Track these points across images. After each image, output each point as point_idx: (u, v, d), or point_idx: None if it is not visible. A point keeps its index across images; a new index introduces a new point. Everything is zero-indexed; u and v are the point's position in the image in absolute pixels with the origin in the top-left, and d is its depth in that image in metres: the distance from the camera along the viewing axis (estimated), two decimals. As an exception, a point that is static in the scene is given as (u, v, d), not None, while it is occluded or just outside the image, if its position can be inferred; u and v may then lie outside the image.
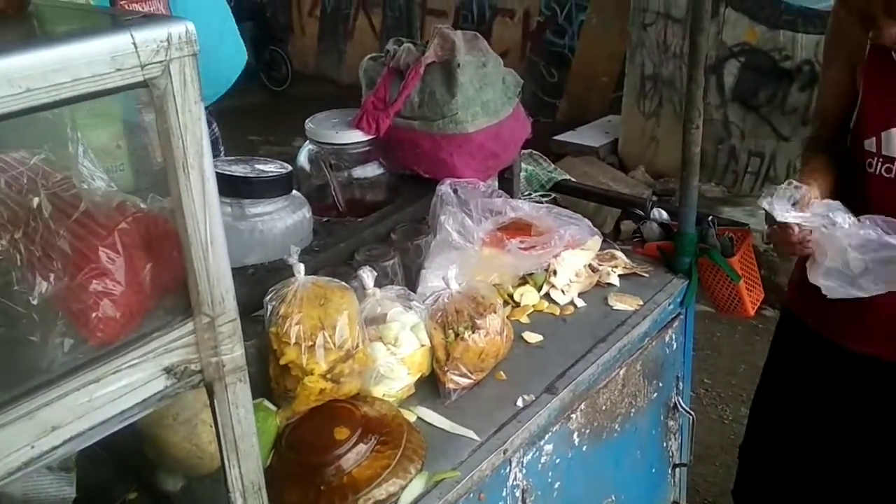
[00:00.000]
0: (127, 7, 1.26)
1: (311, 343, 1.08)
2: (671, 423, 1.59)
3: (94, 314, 0.64)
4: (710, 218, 1.51)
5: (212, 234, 0.68)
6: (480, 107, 1.49)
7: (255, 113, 7.56)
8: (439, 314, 1.26)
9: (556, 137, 5.65)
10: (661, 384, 1.52)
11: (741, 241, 1.52)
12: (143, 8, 1.27)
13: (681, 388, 1.59)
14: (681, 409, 1.58)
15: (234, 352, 0.74)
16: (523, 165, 2.05)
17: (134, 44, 0.59)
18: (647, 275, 1.54)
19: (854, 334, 1.42)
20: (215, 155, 2.28)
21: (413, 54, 1.48)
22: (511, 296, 1.48)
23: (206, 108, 2.06)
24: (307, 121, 1.49)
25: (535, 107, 7.37)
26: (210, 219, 0.68)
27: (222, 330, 0.72)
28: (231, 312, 0.72)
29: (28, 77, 0.54)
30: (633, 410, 1.45)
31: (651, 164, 4.91)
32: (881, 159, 1.36)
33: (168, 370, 0.69)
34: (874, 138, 1.37)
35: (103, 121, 1.20)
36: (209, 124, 2.24)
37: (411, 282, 1.41)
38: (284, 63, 8.42)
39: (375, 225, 1.45)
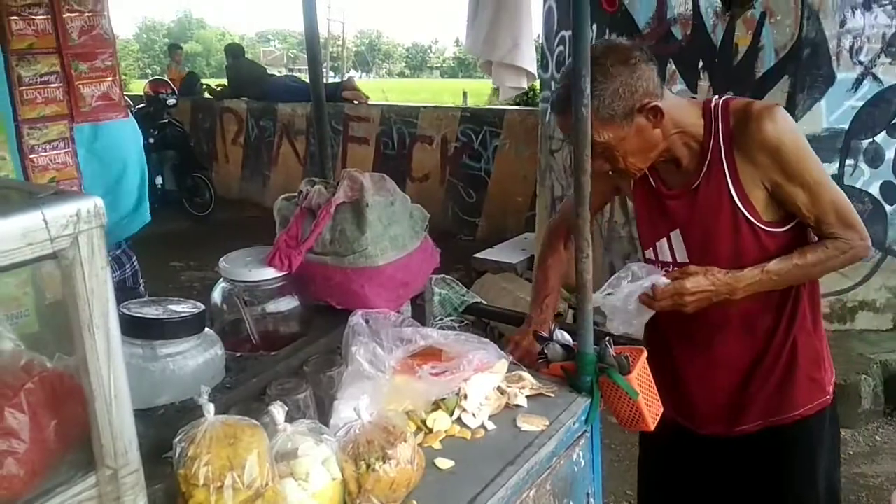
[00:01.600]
0: (34, 163, 1.32)
1: (219, 484, 1.09)
2: (585, 541, 1.62)
3: (-4, 474, 0.66)
4: (606, 338, 1.62)
5: (116, 389, 0.72)
6: (389, 241, 1.59)
7: (178, 239, 7.56)
8: (350, 446, 1.29)
9: (476, 255, 5.84)
10: (572, 502, 1.56)
11: (636, 358, 1.62)
12: (49, 162, 1.33)
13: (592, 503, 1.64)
14: (593, 527, 1.62)
15: (136, 503, 0.76)
16: (437, 290, 2.14)
17: (45, 220, 0.65)
18: (552, 395, 1.61)
19: (695, 419, 1.72)
20: (134, 288, 2.32)
21: (324, 195, 1.58)
22: (424, 422, 1.53)
23: (126, 241, 2.08)
24: (221, 260, 1.55)
25: (457, 225, 7.66)
26: (114, 375, 0.72)
27: (125, 481, 0.75)
28: (134, 463, 0.75)
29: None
30: (545, 531, 1.48)
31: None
32: (659, 265, 1.80)
33: (69, 525, 0.70)
34: (651, 248, 1.83)
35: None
36: (129, 258, 2.28)
37: (324, 413, 1.44)
38: (208, 189, 8.52)
39: (288, 358, 1.49)
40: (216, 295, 1.55)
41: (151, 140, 8.22)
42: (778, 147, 1.62)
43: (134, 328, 1.31)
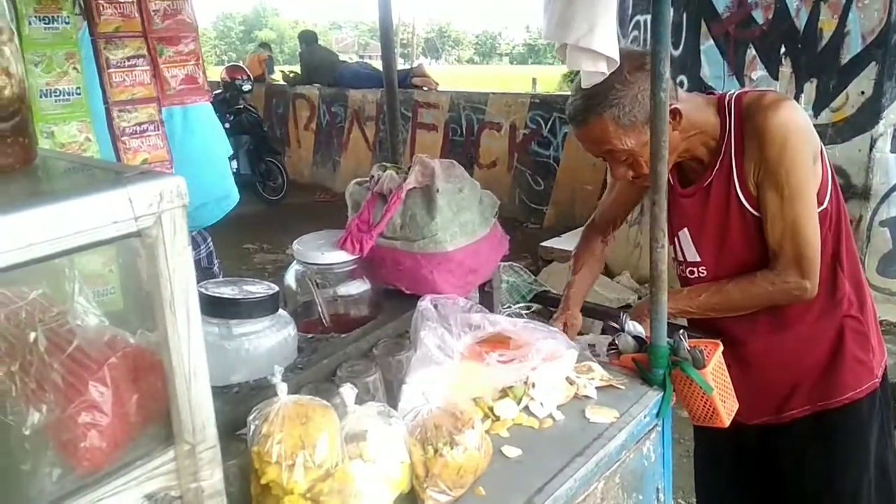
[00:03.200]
0: (125, 145, 1.35)
1: (291, 462, 1.11)
2: (654, 536, 1.59)
3: (81, 444, 0.68)
4: (681, 331, 1.57)
5: (195, 366, 0.73)
6: (459, 227, 1.58)
7: (251, 222, 7.74)
8: (418, 430, 1.29)
9: (543, 244, 5.78)
10: (641, 497, 1.53)
11: (712, 352, 1.57)
12: (141, 144, 1.37)
13: (662, 499, 1.60)
14: (663, 522, 1.59)
15: (213, 477, 0.78)
16: (504, 277, 2.13)
17: (129, 199, 0.66)
18: (622, 387, 1.58)
19: (742, 410, 1.64)
20: (208, 268, 2.38)
21: (395, 180, 1.58)
22: (491, 409, 1.52)
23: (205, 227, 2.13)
24: (294, 243, 1.57)
25: (524, 213, 7.60)
26: (193, 352, 0.73)
27: (202, 456, 0.76)
28: (211, 439, 0.77)
29: (30, 231, 0.61)
30: (613, 525, 1.45)
31: (636, 269, 5.01)
32: (684, 264, 1.81)
33: (149, 497, 0.73)
34: (672, 245, 1.80)
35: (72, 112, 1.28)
36: (204, 240, 2.34)
37: (393, 397, 1.44)
38: (280, 174, 8.68)
39: (358, 341, 1.50)
40: (289, 277, 1.57)
41: (227, 125, 8.42)
42: (768, 138, 1.57)
43: (211, 307, 1.34)
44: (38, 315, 0.76)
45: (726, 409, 1.57)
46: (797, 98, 4.09)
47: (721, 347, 1.58)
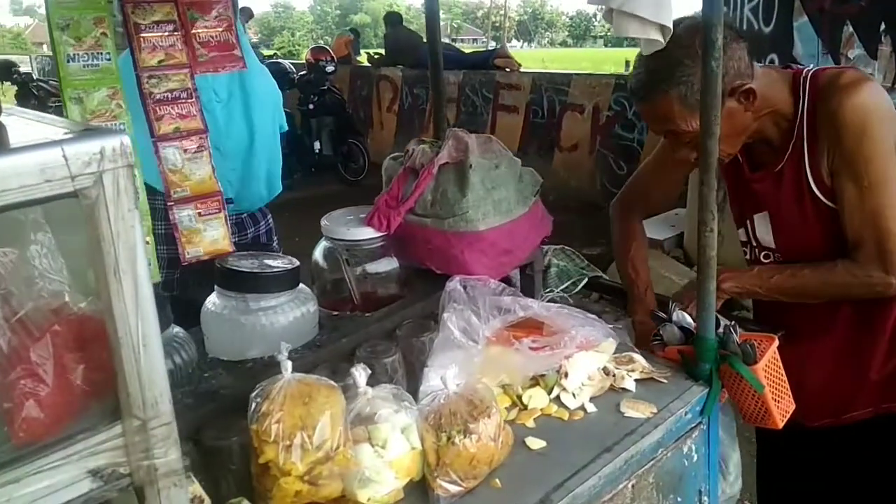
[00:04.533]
0: (156, 113, 1.34)
1: (289, 442, 1.08)
2: (695, 541, 1.48)
3: (19, 414, 0.65)
4: (731, 323, 1.45)
5: (145, 337, 0.69)
6: (492, 206, 1.50)
7: (331, 201, 7.81)
8: (433, 416, 1.23)
9: (621, 230, 5.58)
10: (679, 499, 1.42)
11: (766, 347, 1.44)
12: (172, 112, 1.35)
13: (705, 502, 1.49)
14: (706, 527, 1.48)
15: (168, 455, 0.74)
16: (555, 261, 2.03)
17: (64, 157, 0.62)
18: (665, 380, 1.47)
19: (802, 410, 1.52)
20: (267, 244, 2.38)
21: (427, 155, 1.52)
22: (520, 398, 1.44)
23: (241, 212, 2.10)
24: (323, 218, 1.53)
25: (605, 197, 7.37)
26: (143, 323, 0.69)
27: (155, 433, 0.72)
28: (166, 416, 0.73)
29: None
30: (645, 527, 1.36)
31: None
32: (758, 248, 1.68)
33: (94, 473, 0.69)
34: (742, 229, 1.70)
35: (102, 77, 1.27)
36: (264, 216, 2.34)
37: (415, 379, 1.39)
38: (362, 155, 8.75)
39: (381, 320, 1.45)
40: (317, 253, 1.54)
41: (311, 106, 8.56)
42: (844, 124, 1.41)
43: (228, 281, 1.32)
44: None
45: (780, 409, 1.43)
46: (896, 80, 3.77)
47: (776, 342, 1.44)
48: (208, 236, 1.40)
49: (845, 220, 1.48)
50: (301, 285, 1.40)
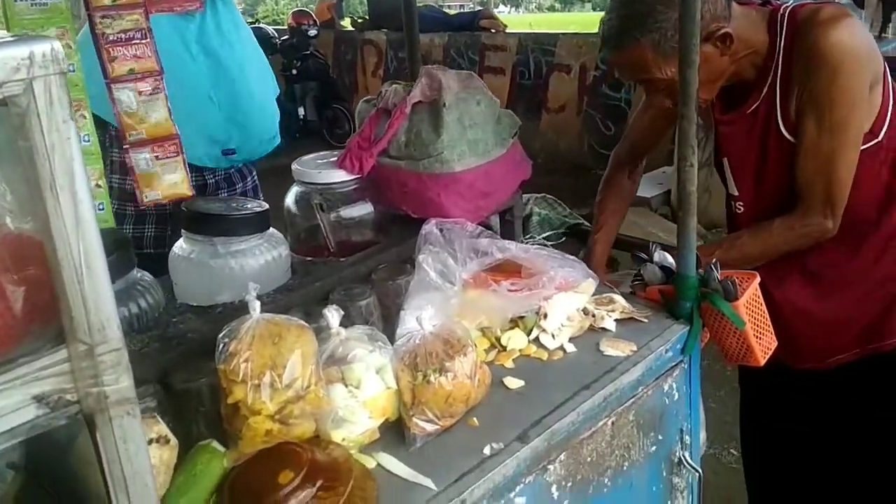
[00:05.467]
0: (110, 54, 1.29)
1: (257, 382, 1.05)
2: (676, 480, 1.47)
3: (-46, 336, 0.62)
4: (713, 260, 1.42)
5: (87, 258, 0.66)
6: (468, 146, 1.46)
7: (316, 168, 7.78)
8: (408, 356, 1.21)
9: (608, 188, 5.55)
10: (660, 437, 1.41)
11: (747, 283, 1.42)
12: (126, 53, 1.31)
13: (687, 441, 1.48)
14: (687, 466, 1.47)
15: (119, 383, 0.71)
16: (537, 209, 2.00)
17: (-11, 61, 0.58)
18: (645, 320, 1.45)
19: (788, 352, 1.55)
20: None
21: (400, 94, 1.48)
22: (499, 339, 1.42)
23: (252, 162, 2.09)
24: (293, 163, 1.49)
25: (592, 158, 7.34)
26: (85, 243, 0.66)
27: (104, 359, 0.69)
28: (114, 341, 0.70)
29: None
30: (625, 464, 1.34)
31: (703, 214, 4.74)
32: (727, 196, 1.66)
33: (39, 399, 0.67)
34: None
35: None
36: (249, 172, 2.30)
37: (391, 323, 1.36)
38: (347, 120, 8.64)
39: (356, 264, 1.42)
40: (289, 199, 1.50)
41: (294, 71, 8.44)
42: (819, 61, 1.37)
43: (195, 223, 1.28)
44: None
45: (761, 346, 1.42)
46: (884, 29, 3.72)
47: (758, 279, 1.42)
48: (166, 180, 1.36)
49: (800, 159, 1.45)
50: (272, 229, 1.36)
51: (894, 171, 1.49)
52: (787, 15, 1.45)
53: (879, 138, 1.44)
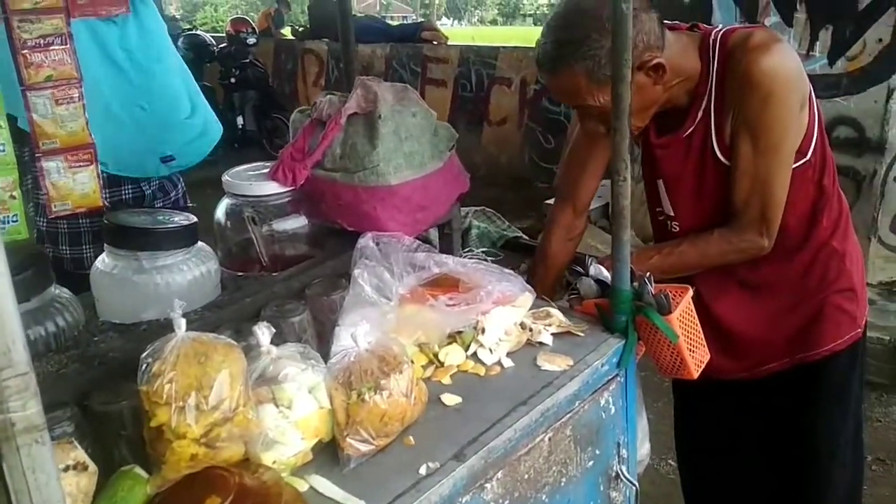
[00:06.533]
0: (27, 59, 1.23)
1: (182, 404, 1.00)
2: (614, 494, 1.47)
3: None
4: (647, 274, 1.44)
5: (-13, 276, 0.61)
6: (404, 159, 1.45)
7: (256, 178, 7.64)
8: (343, 374, 1.18)
9: (547, 201, 5.62)
10: (598, 451, 1.41)
11: (680, 297, 1.43)
12: (45, 59, 1.25)
13: (624, 455, 1.48)
14: (624, 480, 1.47)
15: (26, 409, 0.66)
16: (475, 223, 2.00)
17: None
18: (582, 334, 1.45)
19: (716, 365, 1.54)
20: (186, 207, 2.28)
21: (335, 105, 1.45)
22: (437, 355, 1.40)
23: (182, 170, 2.04)
24: (224, 174, 1.45)
25: (533, 171, 7.42)
26: (-16, 260, 0.61)
27: (9, 384, 0.65)
28: (21, 365, 0.65)
29: None
30: (563, 480, 1.34)
31: (641, 227, 4.81)
32: (662, 216, 1.68)
33: (-63, 428, 0.61)
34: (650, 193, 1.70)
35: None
36: (174, 186, 2.24)
37: (326, 340, 1.33)
38: (288, 131, 8.49)
39: (289, 280, 1.39)
40: (219, 211, 1.46)
41: (233, 80, 8.30)
42: (752, 86, 1.41)
43: (118, 238, 1.23)
44: None
45: (695, 359, 1.44)
46: (811, 47, 3.86)
47: (691, 292, 1.44)
48: (78, 190, 1.30)
49: (735, 181, 1.48)
50: (201, 243, 1.32)
51: (820, 188, 1.54)
52: (718, 40, 1.48)
53: (808, 157, 1.49)
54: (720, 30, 1.50)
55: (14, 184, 1.26)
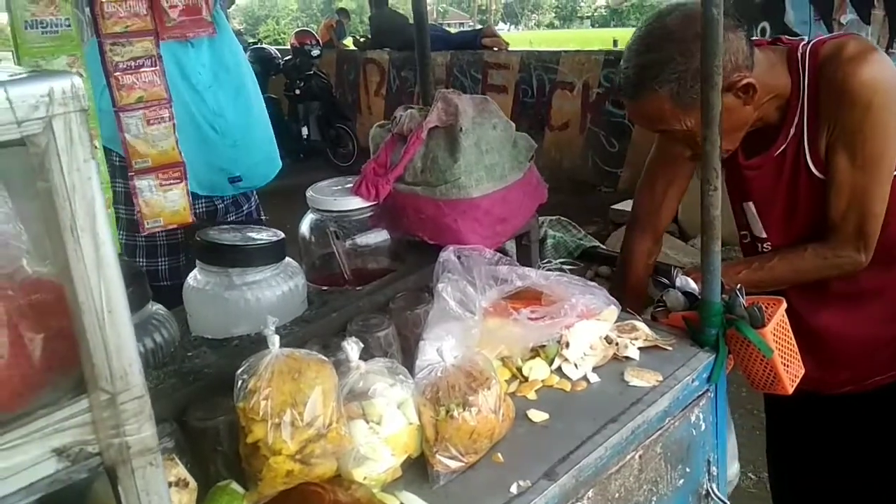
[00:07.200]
0: (119, 81, 1.27)
1: (278, 420, 1.01)
2: (704, 513, 1.43)
3: (-29, 389, 0.58)
4: (738, 286, 1.39)
5: (109, 302, 0.63)
6: (485, 171, 1.44)
7: (320, 188, 7.76)
8: (430, 389, 1.17)
9: (614, 206, 5.55)
10: (688, 469, 1.37)
11: (774, 309, 1.38)
12: (136, 81, 1.28)
13: (714, 473, 1.44)
14: (714, 498, 1.42)
15: (141, 432, 0.67)
16: (552, 232, 1.97)
17: (8, 99, 0.56)
18: (670, 348, 1.41)
19: (825, 383, 1.54)
20: (259, 220, 2.33)
21: (416, 119, 1.45)
22: (520, 370, 1.38)
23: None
24: (308, 189, 1.46)
25: (597, 176, 7.34)
26: (106, 286, 0.63)
27: (126, 408, 0.66)
28: (137, 388, 0.66)
29: None
30: (654, 499, 1.30)
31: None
32: (749, 238, 1.63)
33: (59, 452, 0.63)
34: (736, 214, 1.63)
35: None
36: (247, 199, 2.29)
37: (410, 354, 1.33)
38: (351, 140, 8.64)
39: (373, 294, 1.39)
40: (304, 226, 1.47)
41: (297, 91, 8.46)
42: (850, 99, 1.34)
43: (209, 254, 1.25)
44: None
45: (789, 374, 1.38)
46: (890, 45, 3.70)
47: (784, 304, 1.39)
48: (169, 207, 1.34)
49: (832, 195, 1.42)
50: (288, 259, 1.33)
51: None
52: (807, 53, 1.42)
53: None
54: (807, 42, 1.45)
55: (108, 202, 1.30)
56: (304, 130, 8.46)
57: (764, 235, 1.58)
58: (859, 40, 1.43)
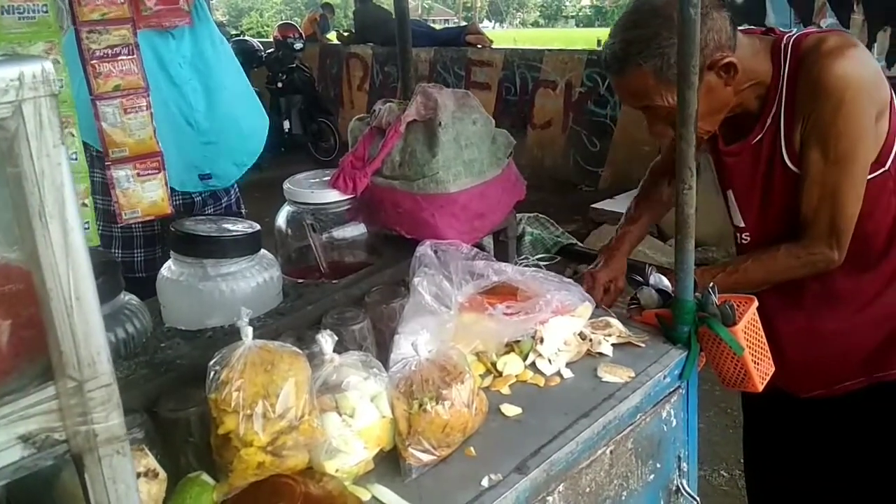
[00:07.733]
0: (96, 69, 1.26)
1: (250, 412, 1.01)
2: (674, 509, 1.45)
3: (-66, 375, 0.58)
4: (711, 285, 1.41)
5: (77, 289, 0.63)
6: (463, 166, 1.44)
7: (301, 182, 7.72)
8: (404, 383, 1.18)
9: (594, 205, 5.58)
10: (658, 465, 1.39)
11: (745, 308, 1.40)
12: (113, 69, 1.27)
13: (685, 469, 1.45)
14: (685, 494, 1.44)
15: (109, 420, 0.67)
16: (529, 229, 1.98)
17: (-24, 83, 0.55)
18: (643, 345, 1.43)
19: (793, 382, 1.57)
20: (239, 212, 2.30)
21: (395, 113, 1.45)
22: (494, 365, 1.39)
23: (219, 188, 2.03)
24: (285, 182, 1.46)
25: (578, 175, 7.37)
26: (74, 272, 0.62)
27: (93, 395, 0.66)
28: (105, 377, 0.66)
29: None
30: (624, 493, 1.32)
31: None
32: (733, 228, 1.64)
33: (25, 439, 0.63)
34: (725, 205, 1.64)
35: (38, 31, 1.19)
36: (226, 192, 2.26)
37: (385, 348, 1.33)
38: (333, 134, 8.60)
39: (349, 287, 1.39)
40: (280, 219, 1.47)
41: (279, 84, 8.41)
42: (824, 92, 1.35)
43: (184, 245, 1.25)
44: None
45: (759, 372, 1.40)
46: (869, 48, 3.75)
47: (756, 303, 1.41)
48: (147, 198, 1.33)
49: (803, 191, 1.43)
50: (263, 251, 1.33)
51: None
52: (790, 44, 1.43)
53: (886, 167, 1.42)
54: (793, 34, 1.46)
55: (86, 192, 1.29)
56: (286, 124, 8.42)
57: (742, 224, 1.59)
58: (843, 36, 1.45)
